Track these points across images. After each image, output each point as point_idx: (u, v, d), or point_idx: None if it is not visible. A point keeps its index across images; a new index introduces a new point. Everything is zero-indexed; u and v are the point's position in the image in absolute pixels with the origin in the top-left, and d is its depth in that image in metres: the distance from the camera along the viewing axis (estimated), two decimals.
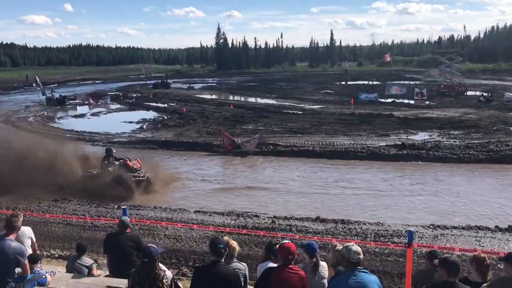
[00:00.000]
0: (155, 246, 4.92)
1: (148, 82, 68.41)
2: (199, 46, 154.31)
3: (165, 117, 33.57)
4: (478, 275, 4.70)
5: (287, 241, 4.71)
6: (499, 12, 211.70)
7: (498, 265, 7.23)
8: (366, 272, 4.24)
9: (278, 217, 11.99)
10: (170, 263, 9.02)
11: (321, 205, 13.34)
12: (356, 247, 4.26)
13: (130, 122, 31.48)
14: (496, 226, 11.04)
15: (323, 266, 5.11)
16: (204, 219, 12.05)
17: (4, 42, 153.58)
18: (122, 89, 60.81)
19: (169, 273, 5.35)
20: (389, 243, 9.60)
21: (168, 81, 66.10)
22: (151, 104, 42.68)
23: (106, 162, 15.04)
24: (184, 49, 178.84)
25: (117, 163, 15.07)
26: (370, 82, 67.60)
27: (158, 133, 26.66)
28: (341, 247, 4.57)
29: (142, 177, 14.82)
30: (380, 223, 11.40)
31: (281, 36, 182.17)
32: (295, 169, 18.01)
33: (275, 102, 43.32)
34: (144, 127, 29.64)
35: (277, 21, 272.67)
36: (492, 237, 10.39)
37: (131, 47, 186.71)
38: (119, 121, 32.22)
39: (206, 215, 12.41)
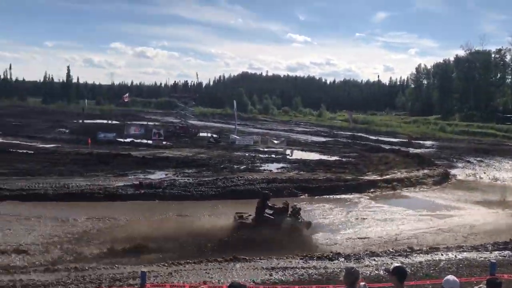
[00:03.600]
0: None
1: None
2: None
3: None
4: None
5: None
6: (225, 64, 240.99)
7: None
8: None
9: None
10: None
11: (46, 252, 12.24)
12: None
13: None
14: (223, 258, 12.12)
15: None
16: None
17: None
18: None
19: None
20: (125, 286, 9.46)
21: None
22: None
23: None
24: None
25: None
26: (109, 122, 67.02)
27: None
28: None
29: None
30: (116, 266, 11.15)
31: (10, 68, 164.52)
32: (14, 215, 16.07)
33: (1, 140, 38.52)
34: None
35: (5, 50, 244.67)
36: (219, 268, 11.35)
37: None
38: None
39: None
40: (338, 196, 21.66)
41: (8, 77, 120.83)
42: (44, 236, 13.62)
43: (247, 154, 34.79)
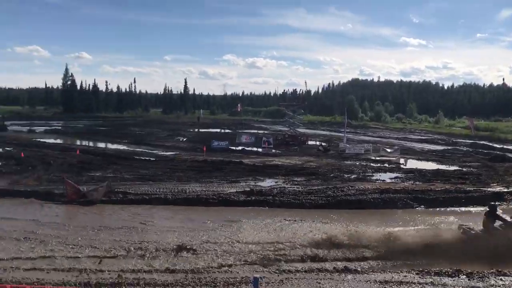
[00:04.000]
0: None
1: None
2: (44, 86, 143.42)
3: None
4: None
5: None
6: (334, 71, 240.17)
7: None
8: None
9: (125, 270, 11.34)
10: None
11: (168, 254, 12.89)
12: None
13: None
14: (334, 268, 11.89)
15: None
16: (41, 277, 10.82)
17: None
18: None
19: None
20: None
21: (5, 123, 60.26)
22: None
23: None
24: (26, 89, 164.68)
25: None
26: (222, 130, 69.89)
27: None
28: None
29: None
30: (229, 270, 11.49)
31: (134, 81, 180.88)
32: (146, 217, 17.34)
33: (127, 148, 42.06)
34: None
35: (130, 65, 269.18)
36: (330, 279, 11.15)
37: None
38: None
39: (44, 273, 11.19)
40: (458, 209, 20.11)
41: (133, 90, 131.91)
42: (175, 238, 14.54)
43: (357, 163, 33.93)
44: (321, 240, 13.76)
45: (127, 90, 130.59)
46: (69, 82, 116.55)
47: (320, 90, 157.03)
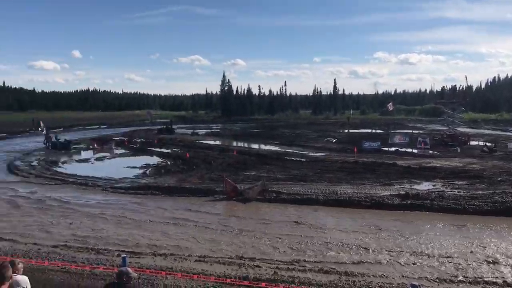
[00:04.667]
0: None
1: (153, 127, 69.39)
2: (205, 93, 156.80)
3: (169, 163, 33.71)
4: None
5: None
6: (499, 63, 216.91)
7: None
8: None
9: (281, 268, 11.73)
10: None
11: (324, 255, 13.00)
12: None
13: (134, 167, 31.59)
14: (505, 281, 10.73)
15: None
16: (205, 268, 11.79)
17: (13, 87, 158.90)
18: (127, 134, 61.31)
19: None
20: None
21: (173, 126, 66.93)
22: (155, 149, 42.99)
23: None
24: (189, 95, 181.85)
25: None
26: (373, 131, 67.95)
27: (161, 179, 26.64)
28: None
29: None
30: (385, 275, 11.12)
31: (285, 84, 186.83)
32: (299, 217, 17.71)
33: (279, 149, 43.43)
34: (147, 172, 29.68)
35: (280, 69, 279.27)
36: None
37: (137, 93, 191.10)
38: (123, 166, 32.30)
39: (207, 265, 12.17)
40: None
41: (283, 92, 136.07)
42: (332, 237, 14.68)
43: None
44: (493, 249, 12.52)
45: (278, 93, 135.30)
46: (226, 88, 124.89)
47: (483, 85, 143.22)
